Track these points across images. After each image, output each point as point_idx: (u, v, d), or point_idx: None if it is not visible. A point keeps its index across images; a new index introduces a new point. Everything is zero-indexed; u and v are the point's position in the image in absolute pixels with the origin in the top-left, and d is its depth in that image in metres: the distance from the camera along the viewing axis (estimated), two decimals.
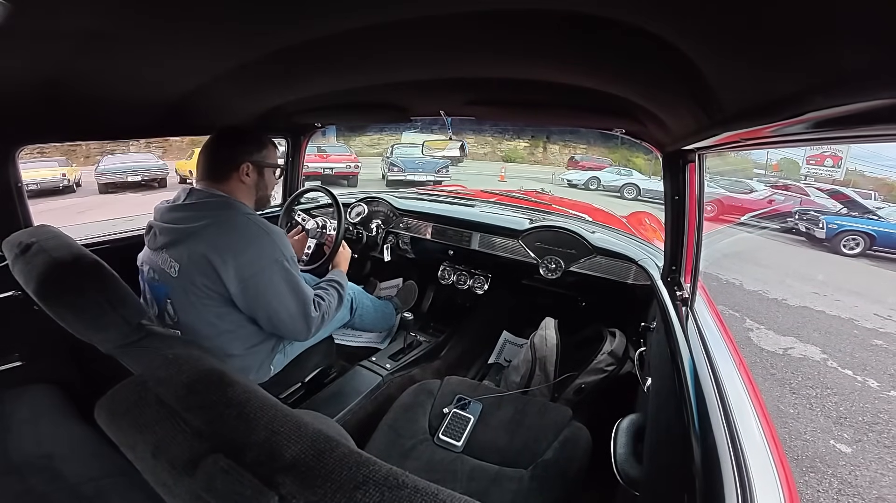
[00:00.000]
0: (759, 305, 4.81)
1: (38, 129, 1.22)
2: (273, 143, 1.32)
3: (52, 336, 0.95)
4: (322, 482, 0.39)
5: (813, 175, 13.80)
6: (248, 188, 1.25)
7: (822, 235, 8.37)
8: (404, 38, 0.79)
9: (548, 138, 21.39)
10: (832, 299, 5.17)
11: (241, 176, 1.22)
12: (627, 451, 1.00)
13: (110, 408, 0.49)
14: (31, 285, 0.90)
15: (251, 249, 1.11)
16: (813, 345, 3.89)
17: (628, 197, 12.80)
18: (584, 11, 0.57)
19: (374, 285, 2.54)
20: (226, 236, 1.10)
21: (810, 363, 3.56)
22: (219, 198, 1.17)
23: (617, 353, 1.74)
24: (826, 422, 2.80)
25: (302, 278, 1.24)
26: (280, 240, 1.18)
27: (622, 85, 0.95)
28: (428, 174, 11.85)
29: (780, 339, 3.95)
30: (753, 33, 0.48)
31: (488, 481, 1.19)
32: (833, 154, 13.52)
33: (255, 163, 1.24)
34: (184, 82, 1.10)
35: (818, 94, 0.47)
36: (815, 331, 4.22)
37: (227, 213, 1.14)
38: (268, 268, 1.13)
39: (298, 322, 1.22)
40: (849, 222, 8.51)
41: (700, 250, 1.25)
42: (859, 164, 14.57)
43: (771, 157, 16.05)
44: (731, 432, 0.68)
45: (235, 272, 1.09)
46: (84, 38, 0.72)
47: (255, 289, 1.13)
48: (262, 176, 1.27)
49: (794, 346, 3.82)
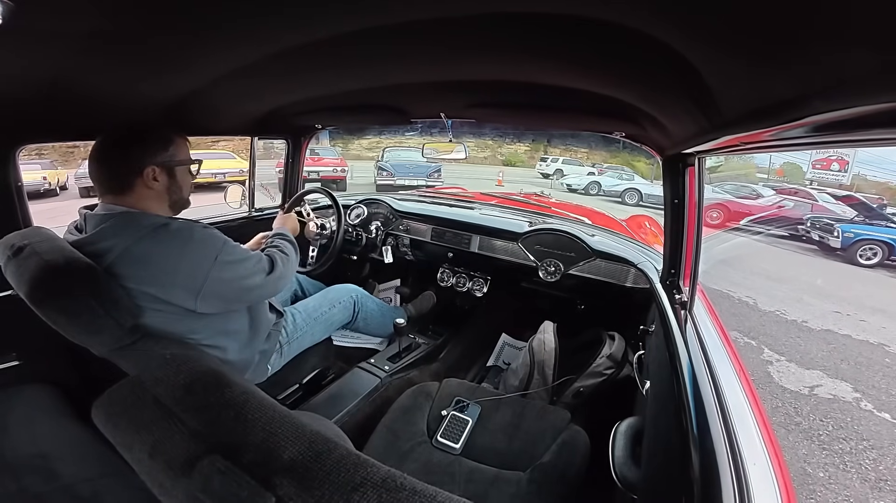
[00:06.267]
0: (777, 330, 4.18)
1: (38, 128, 1.22)
2: (182, 138, 1.16)
3: (50, 336, 0.94)
4: (320, 484, 0.39)
5: (818, 179, 13.37)
6: (159, 194, 1.09)
7: (838, 244, 7.77)
8: (406, 40, 0.80)
9: (549, 142, 21.16)
10: (856, 319, 4.61)
11: (146, 182, 1.05)
12: (626, 455, 1.00)
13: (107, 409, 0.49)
14: (22, 288, 0.89)
15: (183, 265, 1.01)
16: (842, 380, 3.34)
17: (630, 202, 12.20)
18: (586, 15, 0.58)
19: (372, 286, 2.54)
20: (149, 265, 0.98)
21: (841, 405, 3.01)
22: (117, 216, 1.02)
23: (616, 357, 1.74)
24: (862, 488, 2.31)
25: (243, 250, 1.15)
26: (205, 236, 1.07)
27: (622, 88, 0.95)
28: (419, 179, 11.10)
29: (804, 375, 3.38)
30: (753, 37, 0.48)
31: (486, 484, 1.19)
32: (839, 158, 13.10)
33: (162, 164, 1.07)
34: (184, 83, 1.10)
35: (818, 97, 0.47)
36: (842, 361, 3.67)
37: (136, 234, 0.98)
38: (212, 271, 1.04)
39: (270, 286, 1.19)
40: (866, 231, 7.91)
41: (699, 254, 1.25)
42: (862, 168, 14.13)
43: (774, 161, 15.79)
44: (730, 435, 0.68)
45: (183, 291, 1.02)
46: (85, 38, 0.72)
47: (213, 293, 1.06)
48: (173, 177, 1.11)
49: (821, 383, 3.27)
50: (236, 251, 1.13)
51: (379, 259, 2.29)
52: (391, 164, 11.78)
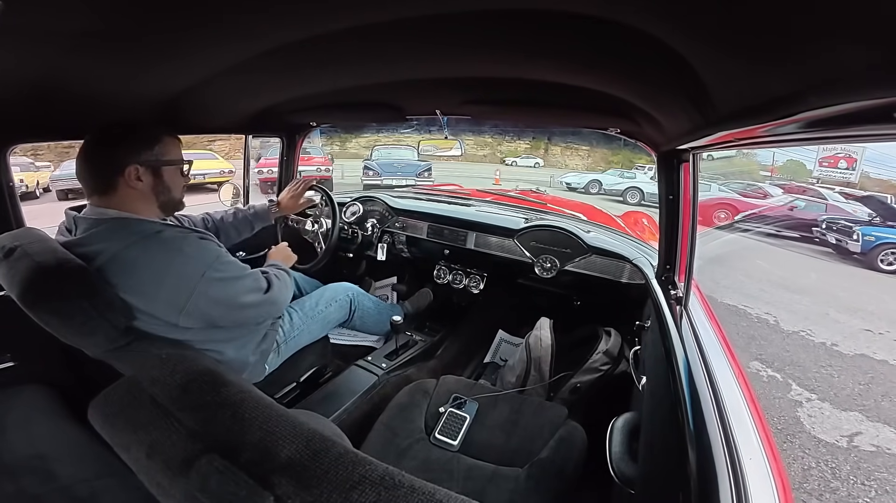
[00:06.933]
0: (804, 357, 3.51)
1: (30, 127, 1.21)
2: (172, 137, 1.12)
3: (44, 336, 0.94)
4: (318, 482, 0.39)
5: (825, 177, 12.60)
6: (144, 195, 1.05)
7: (857, 248, 7.19)
8: (401, 37, 0.79)
9: (549, 140, 20.64)
10: (890, 339, 4.01)
11: (128, 181, 1.01)
12: (623, 450, 1.00)
13: (104, 409, 0.49)
14: (14, 290, 0.89)
15: (168, 279, 0.97)
16: (885, 423, 2.74)
17: (631, 202, 11.52)
18: (580, 11, 0.58)
19: (369, 284, 2.54)
20: (134, 274, 0.95)
21: (886, 460, 2.41)
22: (109, 220, 1.00)
23: (612, 353, 1.75)
24: None
25: (239, 267, 1.11)
26: (195, 249, 1.03)
27: (617, 84, 0.95)
28: (407, 178, 10.32)
29: (840, 419, 2.75)
30: (748, 34, 0.48)
31: (485, 480, 1.19)
32: (847, 156, 12.38)
33: (146, 163, 1.03)
34: (178, 81, 1.09)
35: (811, 94, 0.47)
36: (883, 397, 3.03)
37: (127, 240, 0.96)
38: (198, 287, 0.99)
39: (266, 307, 1.16)
40: (888, 234, 7.26)
41: (694, 249, 1.26)
42: (865, 165, 13.14)
43: (778, 158, 15.07)
44: (726, 430, 0.69)
45: (166, 306, 0.99)
46: (76, 36, 0.72)
47: (198, 311, 1.01)
48: (159, 177, 1.07)
49: (861, 430, 2.66)
50: (230, 267, 1.08)
51: (374, 256, 2.29)
52: (378, 162, 11.20)
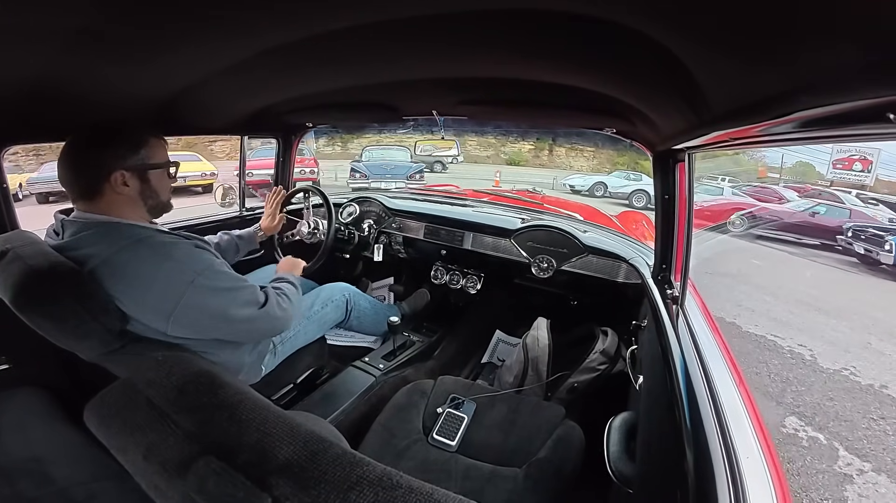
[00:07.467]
0: (850, 407, 2.77)
1: (24, 128, 1.20)
2: (158, 139, 1.08)
3: (39, 339, 0.93)
4: (316, 483, 0.39)
5: (839, 180, 11.82)
6: (131, 199, 1.02)
7: (889, 260, 6.39)
8: (398, 37, 0.79)
9: (554, 140, 19.88)
10: None
11: (115, 187, 0.98)
12: (620, 449, 1.01)
13: (100, 411, 0.49)
14: (6, 294, 0.88)
15: (156, 285, 0.94)
16: None
17: (637, 205, 10.86)
18: (576, 12, 0.58)
19: (366, 285, 2.54)
20: (124, 279, 0.93)
21: None
22: (98, 224, 0.98)
23: (609, 352, 1.75)
24: None
25: (235, 278, 1.07)
26: (186, 255, 1.00)
27: (612, 84, 0.96)
28: (397, 180, 9.41)
29: None
30: (741, 34, 0.48)
31: (483, 480, 1.19)
32: (862, 157, 11.57)
33: (132, 168, 1.00)
34: (173, 81, 1.09)
35: (805, 93, 0.47)
36: None
37: (117, 245, 0.94)
38: (186, 294, 0.95)
39: (263, 322, 1.09)
40: None
41: (690, 249, 1.26)
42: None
43: (786, 160, 14.46)
44: (723, 429, 0.69)
45: (153, 313, 0.96)
46: (72, 35, 0.71)
47: (187, 319, 0.98)
48: (146, 182, 1.04)
49: None
50: (222, 277, 1.04)
51: (371, 257, 2.29)
52: (367, 164, 10.52)
